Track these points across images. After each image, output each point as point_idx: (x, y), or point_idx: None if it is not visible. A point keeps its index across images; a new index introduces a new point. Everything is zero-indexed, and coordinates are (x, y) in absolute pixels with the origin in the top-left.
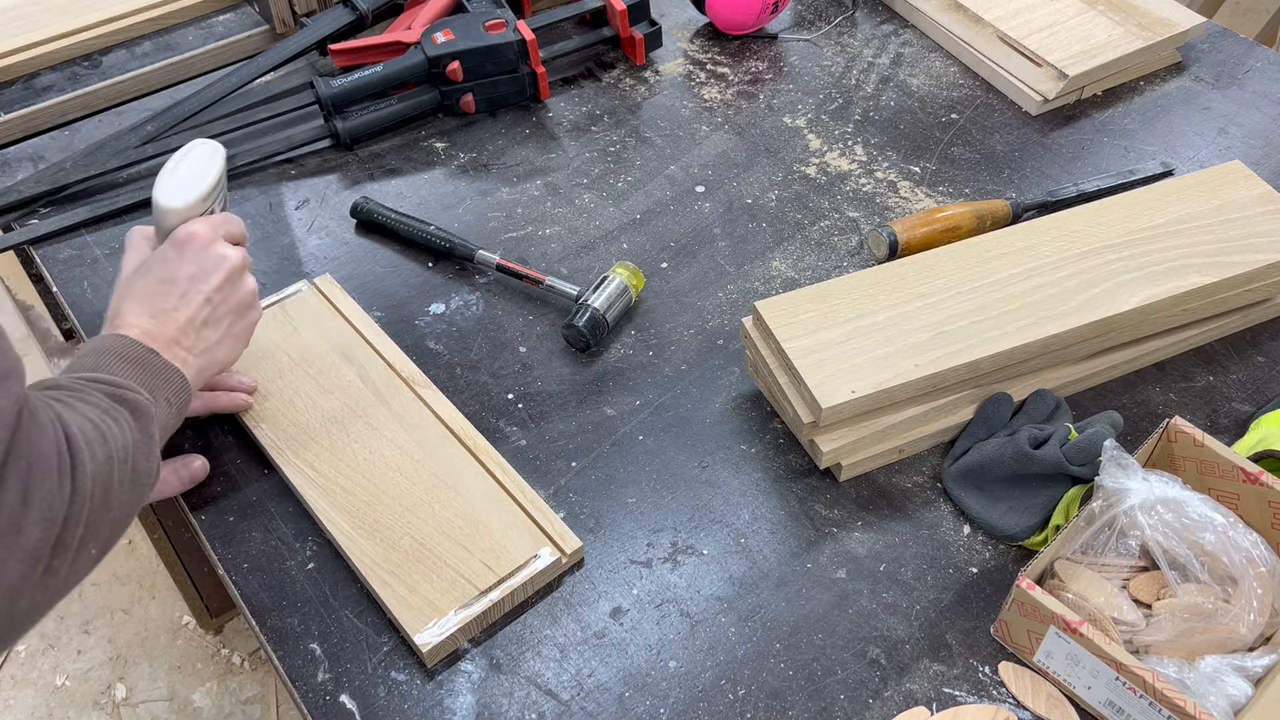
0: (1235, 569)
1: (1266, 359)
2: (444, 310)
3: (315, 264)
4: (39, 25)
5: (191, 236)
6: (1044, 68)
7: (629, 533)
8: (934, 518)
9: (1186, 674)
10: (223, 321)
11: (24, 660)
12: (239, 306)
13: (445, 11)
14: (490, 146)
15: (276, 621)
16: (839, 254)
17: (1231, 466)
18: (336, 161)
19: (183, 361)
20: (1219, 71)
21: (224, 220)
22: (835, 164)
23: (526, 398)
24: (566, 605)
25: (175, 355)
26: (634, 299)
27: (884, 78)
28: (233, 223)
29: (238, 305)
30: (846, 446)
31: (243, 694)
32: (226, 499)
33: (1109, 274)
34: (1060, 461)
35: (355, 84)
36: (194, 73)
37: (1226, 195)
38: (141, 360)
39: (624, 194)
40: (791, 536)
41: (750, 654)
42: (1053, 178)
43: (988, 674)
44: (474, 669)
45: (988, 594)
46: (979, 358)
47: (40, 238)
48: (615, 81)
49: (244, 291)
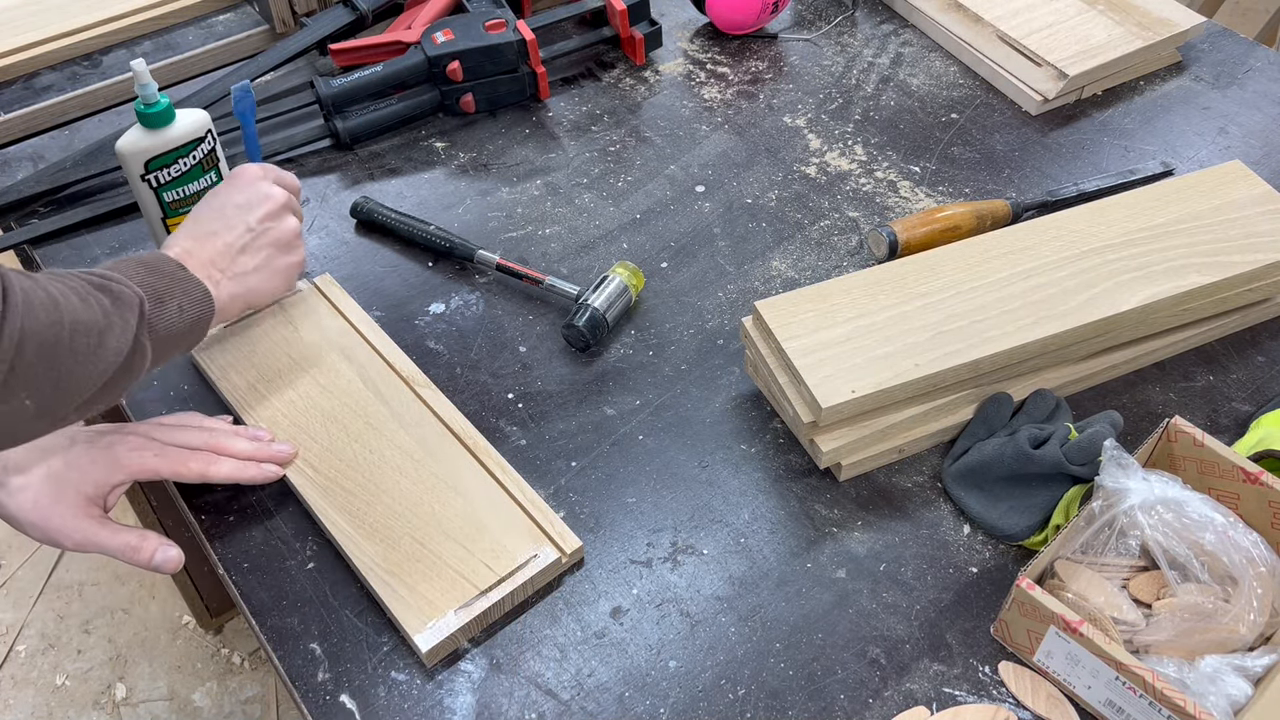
0: (1235, 569)
1: (1266, 359)
2: (444, 310)
3: (315, 264)
4: (39, 25)
5: (243, 171)
6: (1044, 67)
7: (629, 532)
8: (934, 518)
9: (1186, 674)
10: (261, 252)
11: (24, 660)
12: (279, 241)
13: (445, 11)
14: (490, 146)
15: (276, 621)
16: (839, 254)
17: (1231, 466)
18: (336, 161)
19: (214, 282)
20: (1219, 71)
21: (278, 171)
22: (835, 164)
23: (526, 397)
24: (566, 605)
25: (208, 274)
26: (634, 299)
27: (884, 78)
28: (287, 175)
29: (277, 239)
30: (846, 446)
31: (243, 694)
32: (226, 499)
33: (1109, 274)
34: (1060, 461)
35: (355, 84)
36: (194, 73)
37: (1226, 195)
38: (156, 266)
39: (624, 194)
40: (791, 536)
41: (750, 654)
42: (1053, 178)
43: (988, 674)
44: (474, 669)
45: (988, 594)
46: (979, 358)
47: (40, 237)
48: (615, 81)
49: (285, 228)
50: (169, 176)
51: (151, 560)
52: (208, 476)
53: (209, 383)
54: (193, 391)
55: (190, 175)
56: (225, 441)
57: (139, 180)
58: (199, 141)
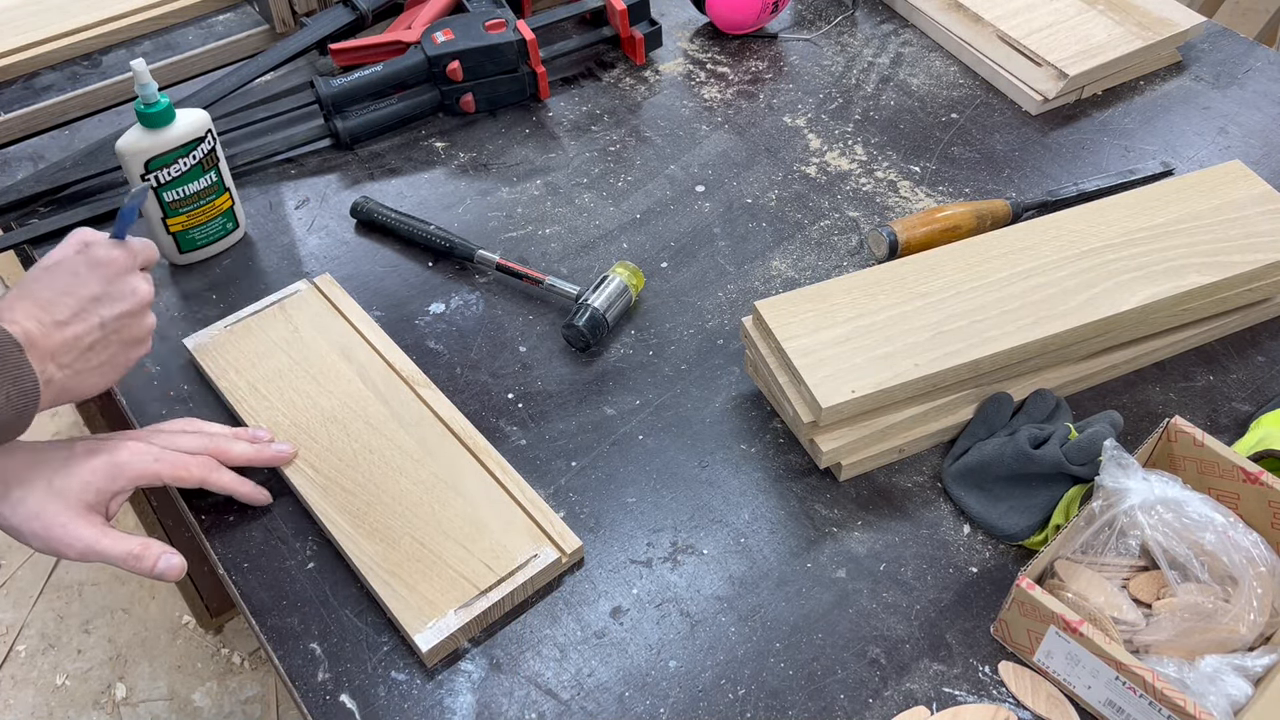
0: (1235, 569)
1: (1266, 359)
2: (444, 310)
3: (315, 264)
4: (39, 25)
5: (111, 260)
6: (1044, 67)
7: (629, 532)
8: (934, 517)
9: (1186, 674)
10: (109, 349)
11: (24, 660)
12: (131, 340)
13: (445, 11)
14: (490, 146)
15: (276, 621)
16: (839, 254)
17: (1231, 466)
18: (336, 161)
19: (48, 374)
20: (1219, 71)
21: (144, 247)
22: (835, 164)
23: (526, 397)
24: (566, 605)
25: (44, 367)
26: (634, 299)
27: (884, 77)
28: (150, 250)
29: (130, 339)
30: (846, 446)
31: (243, 694)
32: (226, 499)
33: (1109, 274)
34: (1060, 461)
35: (355, 84)
36: (194, 73)
37: (1226, 195)
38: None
39: (624, 194)
40: (791, 536)
41: (750, 653)
42: (1053, 177)
43: (988, 673)
44: (474, 669)
45: (988, 594)
46: (979, 357)
47: (40, 237)
48: (615, 81)
49: (142, 326)
50: (169, 176)
51: (154, 568)
52: (208, 483)
53: (209, 383)
54: (193, 391)
55: (190, 175)
56: (225, 445)
57: (139, 180)
58: (199, 141)
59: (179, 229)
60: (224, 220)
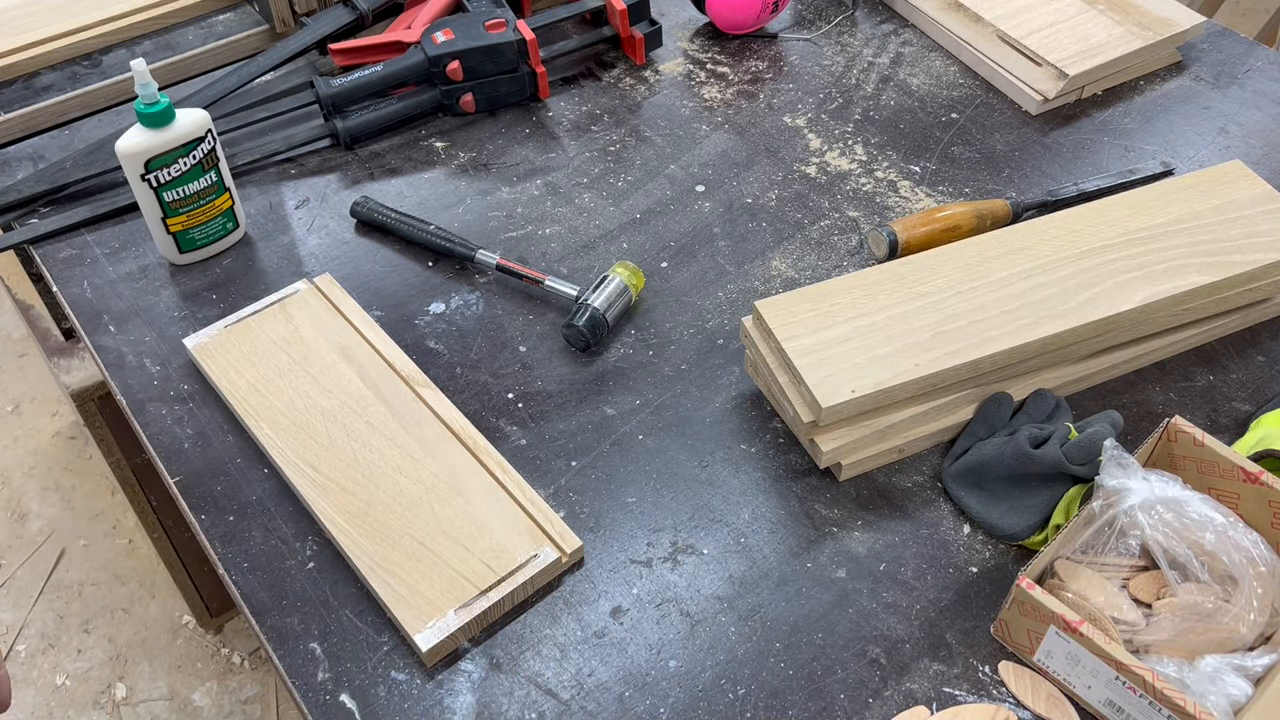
0: (1235, 568)
1: (1266, 359)
2: (444, 310)
3: (315, 263)
4: (39, 25)
5: None
6: (1044, 67)
7: (629, 532)
8: (934, 517)
9: (1186, 673)
10: None
11: (24, 660)
12: None
13: (445, 11)
14: (490, 146)
15: (276, 621)
16: (839, 254)
17: (1231, 466)
18: (336, 161)
19: None
20: (1219, 71)
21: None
22: (835, 163)
23: (526, 397)
24: (566, 605)
25: None
26: (634, 299)
27: (884, 77)
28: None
29: None
30: (846, 446)
31: (243, 693)
32: (226, 499)
33: (1109, 274)
34: (1060, 461)
35: (355, 83)
36: (194, 72)
37: (1226, 195)
38: None
39: (624, 193)
40: (791, 536)
41: (750, 653)
42: (1053, 177)
43: (988, 673)
44: (474, 668)
45: (988, 594)
46: (979, 357)
47: (40, 237)
48: (615, 81)
49: None
50: (169, 176)
51: None
52: None
53: (209, 382)
54: (192, 391)
55: (190, 175)
56: None
57: (139, 180)
58: (199, 141)
59: (179, 229)
60: (224, 220)
